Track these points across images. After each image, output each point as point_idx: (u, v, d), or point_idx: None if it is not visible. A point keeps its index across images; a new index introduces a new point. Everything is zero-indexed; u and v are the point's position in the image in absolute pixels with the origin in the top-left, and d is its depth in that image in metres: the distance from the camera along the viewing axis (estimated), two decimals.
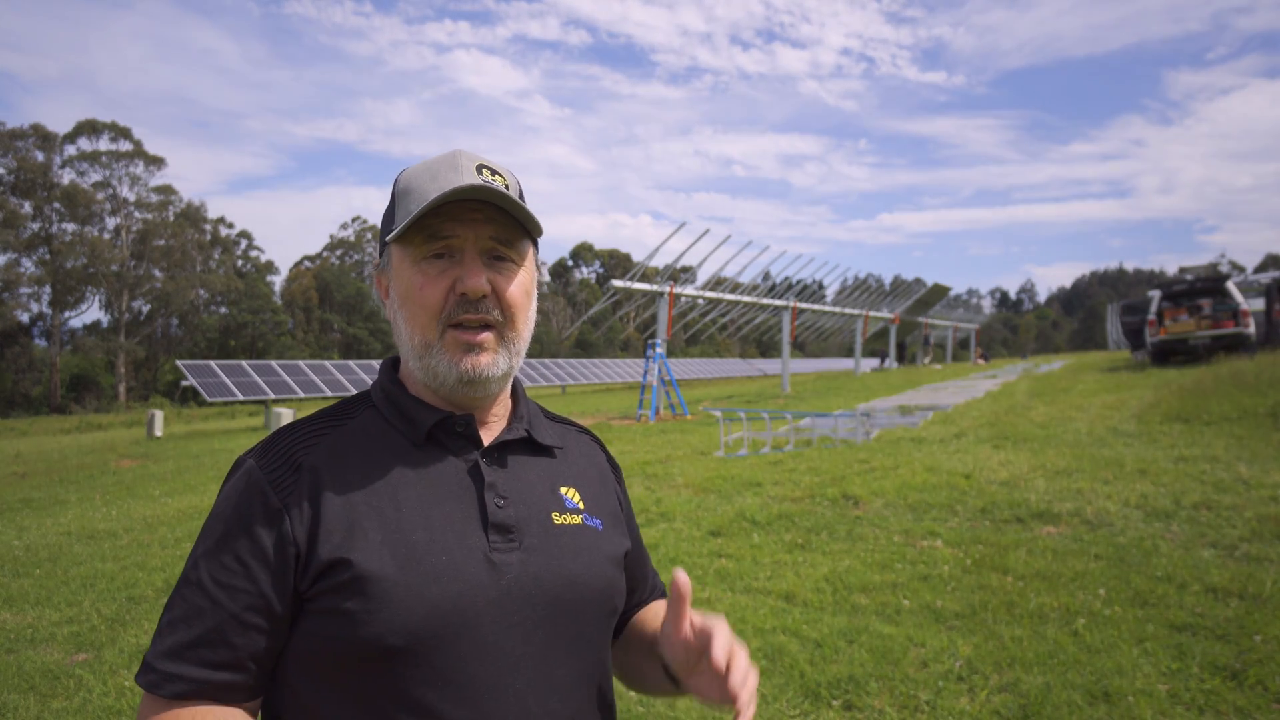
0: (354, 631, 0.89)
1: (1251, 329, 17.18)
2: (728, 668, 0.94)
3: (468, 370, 1.01)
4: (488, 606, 0.94)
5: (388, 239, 1.05)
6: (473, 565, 0.95)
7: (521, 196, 1.07)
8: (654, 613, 1.23)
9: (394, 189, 1.07)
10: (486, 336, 1.02)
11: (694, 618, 0.97)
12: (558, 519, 1.05)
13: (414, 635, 0.90)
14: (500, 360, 1.03)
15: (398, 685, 0.90)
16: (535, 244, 1.10)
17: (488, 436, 1.07)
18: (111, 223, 56.17)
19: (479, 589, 0.94)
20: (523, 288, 1.06)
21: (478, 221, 1.01)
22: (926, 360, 44.91)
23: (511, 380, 1.12)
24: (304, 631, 0.93)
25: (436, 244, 1.01)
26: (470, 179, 1.00)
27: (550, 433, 1.15)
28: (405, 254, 1.03)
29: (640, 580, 1.26)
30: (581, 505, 1.09)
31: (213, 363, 24.67)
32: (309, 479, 0.97)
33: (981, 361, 46.20)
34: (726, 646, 0.95)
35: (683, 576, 0.95)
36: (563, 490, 1.09)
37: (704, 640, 0.95)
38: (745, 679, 0.95)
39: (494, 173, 1.05)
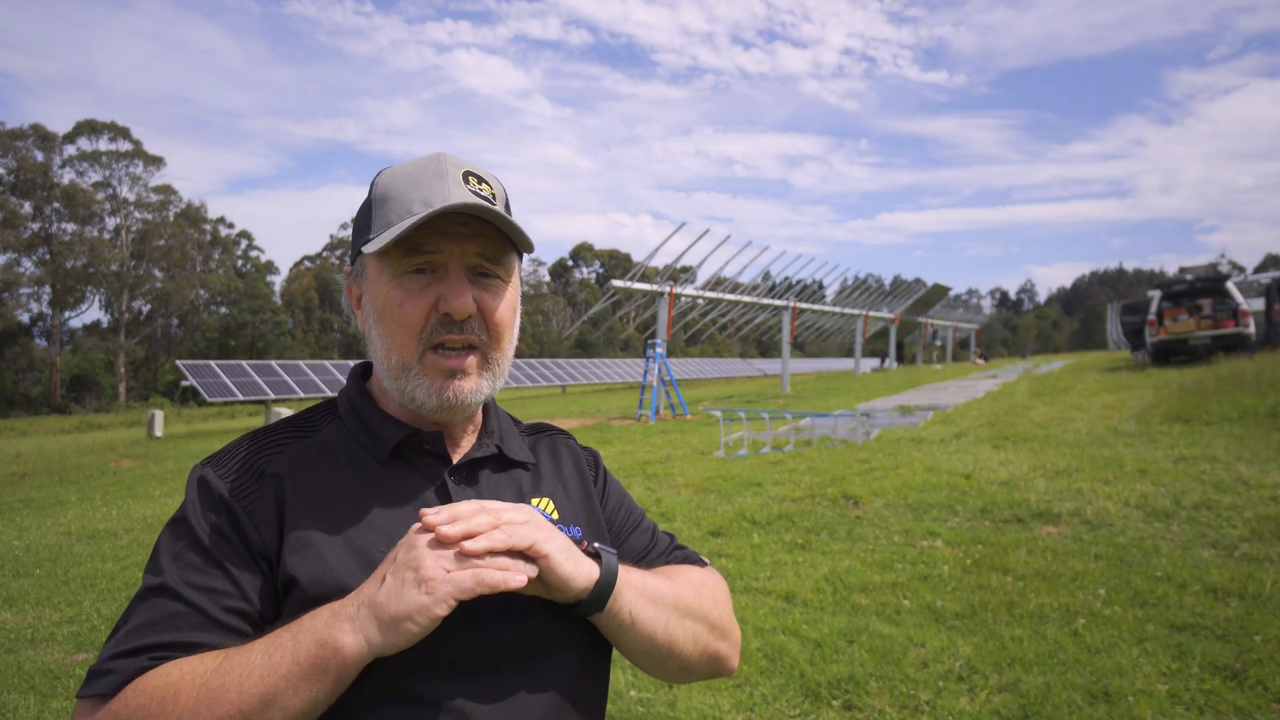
0: None
1: (1251, 329, 17.19)
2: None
3: (449, 398, 0.96)
4: (450, 628, 0.87)
5: (363, 249, 0.97)
6: None
7: (508, 205, 1.02)
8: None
9: (371, 192, 1.00)
10: (470, 360, 0.97)
11: None
12: None
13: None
14: (483, 385, 0.99)
15: (349, 707, 0.85)
16: (520, 257, 1.05)
17: (457, 452, 1.03)
18: (111, 223, 56.19)
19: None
20: (510, 306, 1.01)
21: (464, 237, 0.95)
22: (938, 364, 44.78)
23: None
24: None
25: (418, 258, 0.94)
26: (457, 189, 0.94)
27: (521, 446, 1.10)
28: (383, 266, 0.96)
29: (644, 550, 1.17)
30: (555, 516, 1.04)
31: (213, 363, 24.67)
32: (272, 486, 0.93)
33: (981, 361, 46.21)
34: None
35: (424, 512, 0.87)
36: (534, 502, 1.04)
37: None
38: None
39: (481, 180, 0.99)
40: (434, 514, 0.85)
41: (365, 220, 1.01)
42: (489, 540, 0.83)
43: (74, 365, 52.53)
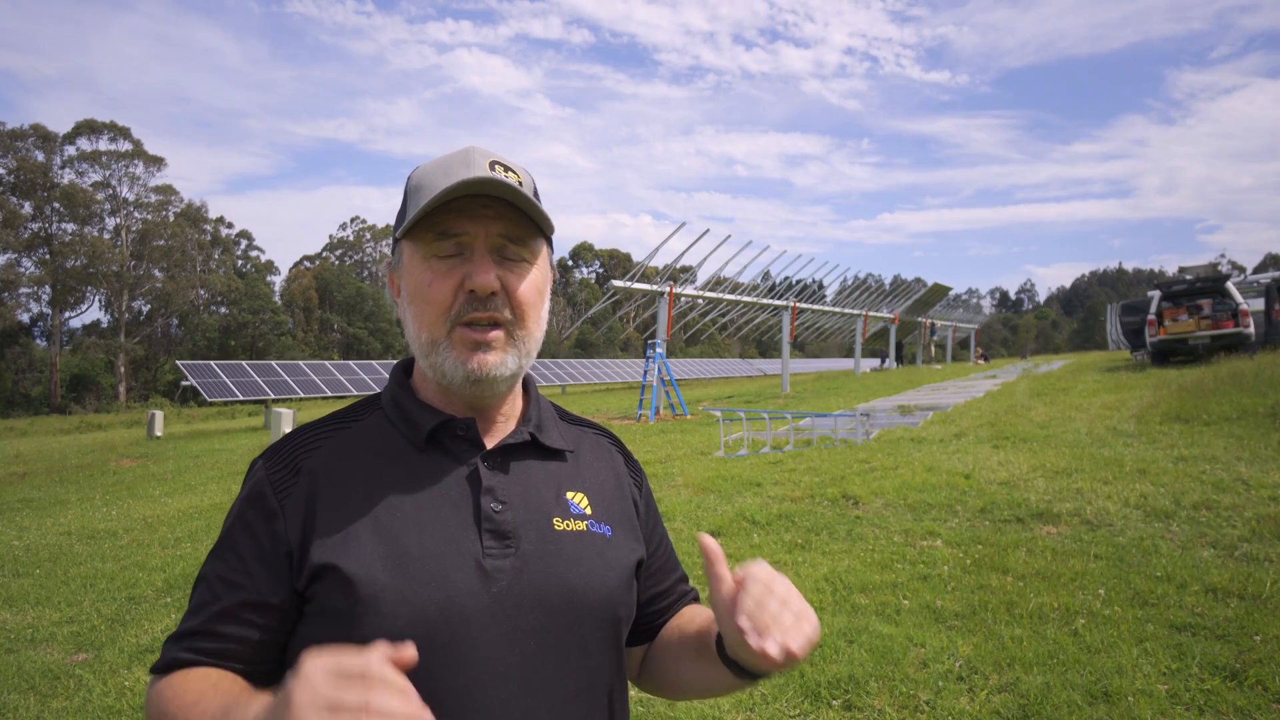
0: (343, 634, 0.88)
1: (1251, 329, 17.17)
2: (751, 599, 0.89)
3: (474, 369, 0.99)
4: (477, 614, 0.93)
5: (397, 235, 1.04)
6: (463, 571, 0.94)
7: (536, 194, 1.05)
8: (691, 614, 1.20)
9: (406, 186, 1.06)
10: (495, 335, 1.00)
11: (737, 574, 0.93)
12: (559, 525, 1.02)
13: (400, 640, 0.86)
14: (509, 359, 1.01)
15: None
16: (550, 243, 1.08)
17: (494, 439, 1.06)
18: (111, 223, 56.21)
19: (468, 596, 0.93)
20: (534, 286, 1.03)
21: (488, 218, 1.00)
22: (937, 364, 44.76)
23: (521, 379, 1.10)
24: (300, 633, 0.96)
25: (446, 241, 1.00)
26: (481, 174, 0.98)
27: (562, 435, 1.12)
28: (415, 250, 1.02)
29: (668, 589, 1.22)
30: (588, 511, 1.06)
31: (213, 363, 24.68)
32: (306, 483, 0.98)
33: (981, 361, 46.19)
34: (758, 584, 0.90)
35: (708, 540, 0.94)
36: (569, 495, 1.06)
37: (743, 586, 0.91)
38: (771, 609, 0.89)
39: (507, 169, 1.02)
40: None
41: (402, 213, 1.06)
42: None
43: (74, 365, 52.49)
